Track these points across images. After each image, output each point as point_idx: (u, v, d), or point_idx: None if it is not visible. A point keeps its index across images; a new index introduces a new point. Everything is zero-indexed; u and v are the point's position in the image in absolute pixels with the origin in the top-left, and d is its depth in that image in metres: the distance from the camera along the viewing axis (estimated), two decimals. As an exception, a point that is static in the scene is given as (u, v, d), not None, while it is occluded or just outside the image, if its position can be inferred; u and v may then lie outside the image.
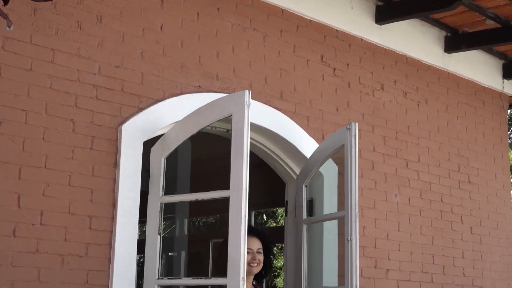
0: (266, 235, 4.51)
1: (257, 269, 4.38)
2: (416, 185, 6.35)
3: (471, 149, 6.96)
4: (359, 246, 5.66)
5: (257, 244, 4.42)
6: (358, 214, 4.61)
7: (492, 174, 7.17)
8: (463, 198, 6.78)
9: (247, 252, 4.18)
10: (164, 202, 4.49)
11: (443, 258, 6.47)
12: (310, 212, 5.27)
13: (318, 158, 5.15)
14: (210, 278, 4.20)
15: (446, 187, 6.62)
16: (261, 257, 4.40)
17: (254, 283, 4.47)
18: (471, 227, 6.80)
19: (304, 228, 5.16)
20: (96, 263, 4.17)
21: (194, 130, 4.36)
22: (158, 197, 4.45)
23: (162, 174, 4.45)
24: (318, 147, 5.28)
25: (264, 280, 4.60)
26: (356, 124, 4.71)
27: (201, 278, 4.20)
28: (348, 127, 4.69)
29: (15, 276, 3.86)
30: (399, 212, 6.14)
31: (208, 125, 4.36)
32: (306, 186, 5.25)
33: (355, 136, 4.66)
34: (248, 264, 4.29)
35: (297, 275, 5.14)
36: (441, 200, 6.55)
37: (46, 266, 3.97)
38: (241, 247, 3.82)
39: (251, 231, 4.35)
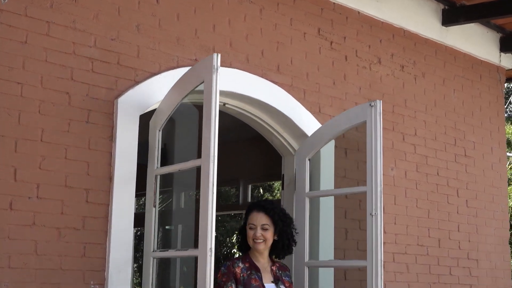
0: (277, 210, 4.25)
1: (262, 246, 4.17)
2: (413, 159, 6.36)
3: (467, 123, 6.97)
4: (356, 220, 5.70)
5: (262, 220, 4.18)
6: (382, 191, 4.65)
7: (489, 147, 7.18)
8: (459, 172, 6.79)
9: (250, 228, 4.18)
10: (160, 173, 4.50)
11: (438, 231, 6.50)
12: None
13: (328, 132, 5.15)
14: (185, 250, 4.21)
15: (442, 160, 6.63)
16: (266, 234, 4.16)
17: (274, 258, 4.31)
18: (467, 200, 6.82)
19: (307, 201, 5.17)
20: (93, 236, 4.18)
21: (176, 102, 4.34)
22: (153, 169, 4.46)
23: (157, 146, 4.44)
24: (328, 122, 5.26)
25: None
26: (380, 101, 4.74)
27: (178, 250, 4.19)
28: (372, 104, 4.71)
29: (12, 249, 3.87)
30: (395, 186, 6.15)
31: (186, 96, 4.31)
32: (309, 159, 5.25)
33: (380, 113, 4.69)
34: (253, 240, 4.17)
35: (296, 248, 5.16)
36: (437, 174, 6.56)
37: (43, 239, 3.98)
38: (209, 217, 3.79)
39: (257, 206, 4.24)
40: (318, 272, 5.33)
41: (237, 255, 23.13)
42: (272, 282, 4.12)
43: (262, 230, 4.16)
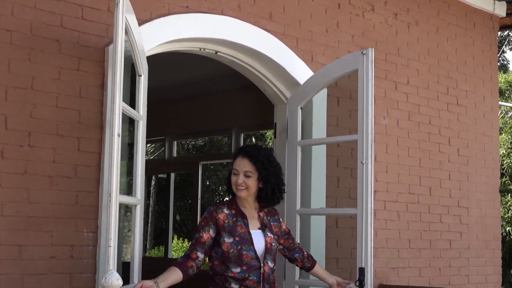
0: (262, 157, 3.95)
1: (244, 193, 3.93)
2: (405, 107, 6.36)
3: (460, 71, 6.95)
4: (348, 168, 5.72)
5: (246, 166, 3.92)
6: (373, 139, 4.67)
7: (481, 96, 7.18)
8: (451, 120, 6.80)
9: (234, 174, 3.95)
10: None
11: (430, 179, 6.54)
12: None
13: (320, 80, 5.13)
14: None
15: (434, 109, 6.63)
16: (249, 181, 3.91)
17: (263, 205, 4.06)
18: (458, 149, 6.85)
19: (299, 150, 5.18)
20: (85, 184, 4.18)
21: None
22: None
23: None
24: (320, 70, 5.25)
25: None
26: (373, 49, 4.71)
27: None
28: (364, 52, 4.69)
29: (4, 197, 3.88)
30: (387, 134, 6.17)
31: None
32: (301, 108, 5.25)
33: (372, 61, 4.68)
34: (235, 186, 3.94)
35: (288, 196, 5.19)
36: (429, 122, 6.57)
37: (35, 187, 3.99)
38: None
39: (242, 151, 4.00)
40: (310, 220, 5.38)
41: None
42: (259, 228, 3.96)
43: (244, 177, 3.92)
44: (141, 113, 4.21)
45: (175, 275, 3.81)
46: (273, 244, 3.99)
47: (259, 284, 3.87)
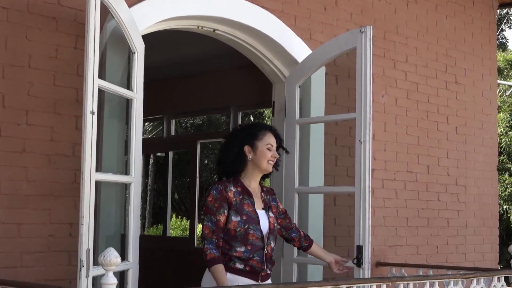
0: (280, 136, 4.19)
1: (271, 168, 4.03)
2: (403, 86, 6.35)
3: (459, 49, 6.93)
4: (346, 146, 5.73)
5: (275, 142, 4.06)
6: (371, 117, 4.67)
7: (479, 74, 7.17)
8: (450, 99, 6.79)
9: (268, 149, 3.99)
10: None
11: (428, 157, 6.54)
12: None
13: (318, 58, 5.12)
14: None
15: (433, 87, 6.62)
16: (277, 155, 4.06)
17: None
18: (456, 127, 6.85)
19: (297, 128, 5.17)
20: (83, 163, 4.18)
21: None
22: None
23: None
24: (319, 48, 5.23)
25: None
26: (371, 27, 4.70)
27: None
28: (362, 30, 4.68)
29: (2, 176, 3.88)
30: (385, 113, 6.16)
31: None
32: (299, 86, 5.24)
33: (370, 39, 4.67)
34: (268, 161, 3.98)
35: (286, 174, 5.20)
36: (428, 101, 6.56)
37: (33, 165, 3.99)
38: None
39: (270, 128, 4.11)
40: (308, 198, 5.38)
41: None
42: (263, 209, 4.00)
43: (276, 153, 4.04)
44: (135, 91, 4.19)
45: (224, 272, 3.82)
46: (275, 224, 4.02)
47: (262, 264, 3.89)
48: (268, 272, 3.93)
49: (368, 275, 4.52)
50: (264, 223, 3.94)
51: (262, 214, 3.96)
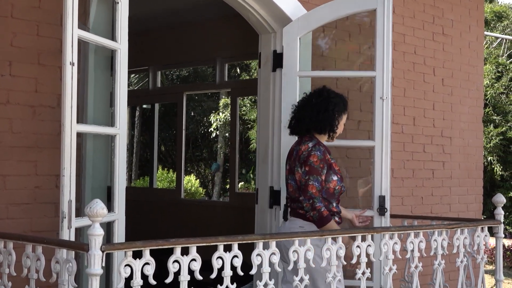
0: None
1: None
2: (390, 37, 6.30)
3: (446, 0, 6.88)
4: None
5: None
6: (391, 76, 4.84)
7: (466, 26, 7.14)
8: (436, 50, 6.78)
9: (343, 125, 4.37)
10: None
11: (414, 109, 6.55)
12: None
13: (330, 12, 5.09)
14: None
15: (419, 39, 6.59)
16: None
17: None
18: (443, 79, 6.85)
19: (298, 81, 5.10)
20: (68, 114, 4.15)
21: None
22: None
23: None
24: (331, 3, 5.13)
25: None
26: None
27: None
28: None
29: (-13, 127, 3.86)
30: (371, 64, 6.13)
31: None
32: (299, 38, 5.16)
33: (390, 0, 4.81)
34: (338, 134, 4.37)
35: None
36: (414, 52, 6.54)
37: (17, 117, 3.96)
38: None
39: None
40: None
41: (214, 134, 23.07)
42: None
43: None
44: (119, 42, 4.14)
45: None
46: None
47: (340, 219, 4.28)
48: (339, 221, 4.28)
49: (389, 223, 4.74)
50: None
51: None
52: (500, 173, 16.30)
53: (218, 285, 3.25)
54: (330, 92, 4.35)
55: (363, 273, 3.85)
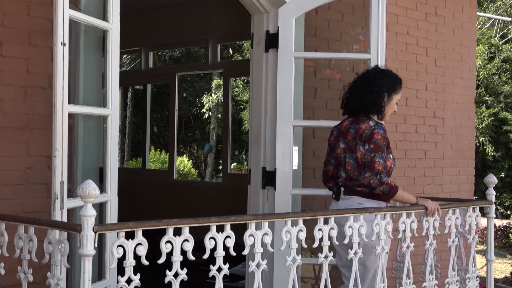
0: None
1: None
2: (383, 17, 6.29)
3: (439, -19, 6.87)
4: (325, 79, 5.71)
5: None
6: (384, 58, 4.90)
7: (459, 6, 7.12)
8: (429, 31, 6.76)
9: (396, 104, 4.52)
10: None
11: (406, 90, 6.52)
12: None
13: None
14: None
15: (412, 19, 6.58)
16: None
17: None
18: (435, 59, 6.84)
19: (293, 62, 5.08)
20: (60, 95, 4.13)
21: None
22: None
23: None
24: None
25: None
26: None
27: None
28: None
29: (-22, 108, 3.84)
30: (364, 45, 6.12)
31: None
32: (295, 19, 5.14)
33: None
34: (390, 114, 4.50)
35: (281, 108, 5.17)
36: (407, 33, 6.53)
37: (9, 98, 3.95)
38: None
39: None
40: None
41: (207, 115, 22.97)
42: None
43: None
44: (111, 22, 4.11)
45: None
46: None
47: None
48: None
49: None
50: None
51: None
52: (492, 153, 16.36)
53: (211, 266, 3.26)
54: (377, 73, 4.42)
55: (355, 253, 3.87)
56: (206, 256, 3.23)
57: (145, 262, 3.02)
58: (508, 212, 16.17)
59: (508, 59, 16.61)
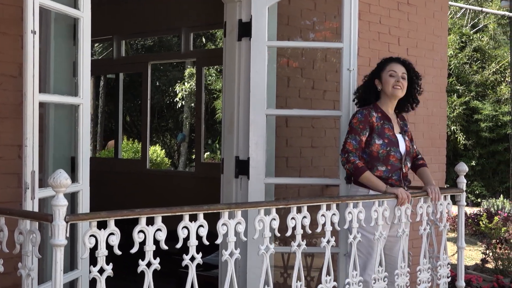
0: (412, 66, 4.69)
1: (400, 92, 4.54)
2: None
3: (411, -30, 6.89)
4: (298, 68, 5.71)
5: (401, 69, 4.57)
6: (357, 47, 4.91)
7: (431, -5, 7.16)
8: (401, 20, 6.79)
9: (391, 75, 4.53)
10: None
11: (378, 79, 6.56)
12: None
13: None
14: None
15: (385, 8, 6.60)
16: (404, 82, 4.55)
17: (396, 111, 4.69)
18: (407, 48, 6.87)
19: (266, 51, 5.06)
20: (30, 84, 4.08)
21: None
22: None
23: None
24: None
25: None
26: None
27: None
28: None
29: None
30: (337, 34, 6.13)
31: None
32: (268, 8, 5.11)
33: None
34: (393, 87, 4.50)
35: (253, 97, 5.15)
36: (379, 22, 6.55)
37: (-22, 86, 3.89)
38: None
39: (396, 59, 4.66)
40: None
41: (180, 104, 22.93)
42: (400, 133, 4.55)
43: (402, 79, 4.55)
44: (82, 10, 4.07)
45: None
46: (411, 147, 4.61)
47: (400, 183, 4.47)
48: (405, 189, 4.43)
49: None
50: (402, 145, 4.50)
51: (400, 138, 4.52)
52: (463, 142, 16.50)
53: (184, 255, 3.25)
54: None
55: (328, 242, 3.89)
56: (179, 245, 3.23)
57: (117, 252, 3.01)
58: (479, 200, 16.36)
59: (479, 48, 16.76)
